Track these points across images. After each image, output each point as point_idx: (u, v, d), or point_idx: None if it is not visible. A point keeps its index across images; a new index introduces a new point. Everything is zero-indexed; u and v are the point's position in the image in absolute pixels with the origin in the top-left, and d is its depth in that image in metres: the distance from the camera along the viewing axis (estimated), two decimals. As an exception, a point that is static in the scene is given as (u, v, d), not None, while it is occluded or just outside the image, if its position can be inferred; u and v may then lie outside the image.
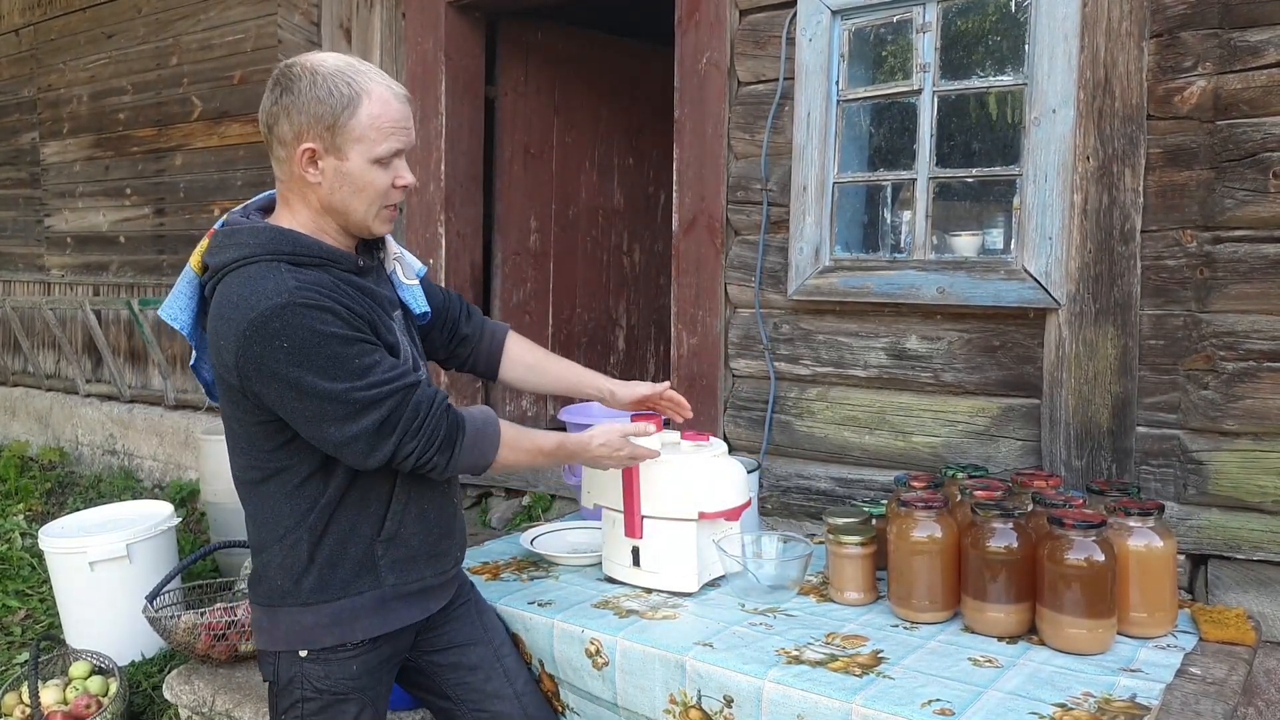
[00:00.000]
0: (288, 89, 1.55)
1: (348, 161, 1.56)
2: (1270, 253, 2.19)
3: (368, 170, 1.57)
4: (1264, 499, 2.22)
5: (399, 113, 1.58)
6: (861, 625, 1.89)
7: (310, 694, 1.66)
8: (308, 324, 1.48)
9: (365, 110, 1.54)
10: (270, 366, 1.49)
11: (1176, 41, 2.26)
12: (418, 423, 1.57)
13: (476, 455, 1.65)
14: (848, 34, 2.70)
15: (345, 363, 1.51)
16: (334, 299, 1.53)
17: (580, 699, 1.94)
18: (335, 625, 1.64)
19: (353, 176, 1.57)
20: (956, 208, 2.76)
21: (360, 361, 1.52)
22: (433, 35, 3.73)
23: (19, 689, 2.83)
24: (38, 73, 5.64)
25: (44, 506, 4.88)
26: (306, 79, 1.54)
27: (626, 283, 4.82)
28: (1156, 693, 1.58)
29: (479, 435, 1.65)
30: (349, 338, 1.52)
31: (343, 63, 1.57)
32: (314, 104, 1.53)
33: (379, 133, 1.56)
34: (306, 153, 1.55)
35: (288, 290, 1.49)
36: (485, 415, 1.68)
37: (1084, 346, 2.38)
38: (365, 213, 1.61)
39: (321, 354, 1.49)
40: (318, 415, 1.52)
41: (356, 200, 1.59)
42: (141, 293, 5.07)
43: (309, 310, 1.49)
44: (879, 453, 2.74)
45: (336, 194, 1.58)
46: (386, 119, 1.56)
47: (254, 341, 1.48)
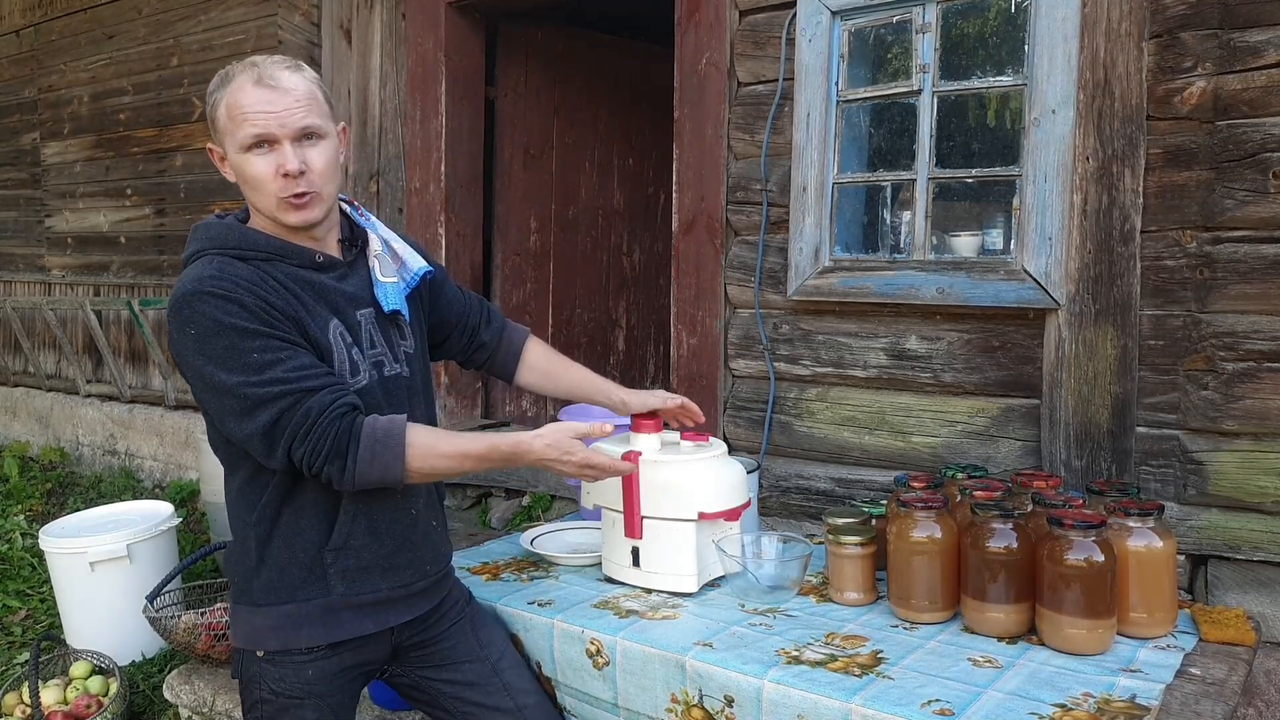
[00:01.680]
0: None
1: (231, 156, 1.59)
2: (1270, 253, 2.19)
3: (244, 160, 1.57)
4: (1264, 499, 2.22)
5: (254, 97, 1.54)
6: (861, 625, 1.89)
7: (267, 695, 1.67)
8: (212, 314, 1.50)
9: (225, 102, 1.56)
10: (182, 354, 1.55)
11: (1176, 42, 2.26)
12: (305, 428, 1.51)
13: (379, 468, 1.54)
14: (847, 34, 2.70)
15: (242, 355, 1.50)
16: (251, 292, 1.53)
17: (578, 701, 1.94)
18: (281, 630, 1.65)
19: (240, 170, 1.59)
20: (956, 208, 2.76)
21: (259, 357, 1.50)
22: (433, 36, 3.73)
23: (19, 689, 2.83)
24: (38, 73, 5.64)
25: (44, 507, 4.88)
26: (214, 82, 1.60)
27: (626, 283, 4.82)
28: (1156, 693, 1.58)
29: (377, 446, 1.53)
30: (251, 331, 1.51)
31: (239, 63, 1.59)
32: (209, 107, 1.59)
33: (234, 122, 1.55)
34: (212, 153, 1.63)
35: (201, 279, 1.52)
36: (388, 425, 1.56)
37: (1084, 347, 2.38)
38: (266, 204, 1.60)
39: (219, 344, 1.50)
40: (219, 409, 1.55)
41: (254, 194, 1.60)
42: (142, 293, 5.08)
43: (215, 299, 1.50)
44: (878, 453, 2.74)
45: (245, 190, 1.61)
46: (239, 107, 1.54)
47: (172, 328, 1.55)
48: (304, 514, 1.63)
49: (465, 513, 3.75)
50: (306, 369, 1.53)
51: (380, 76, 3.98)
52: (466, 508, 3.76)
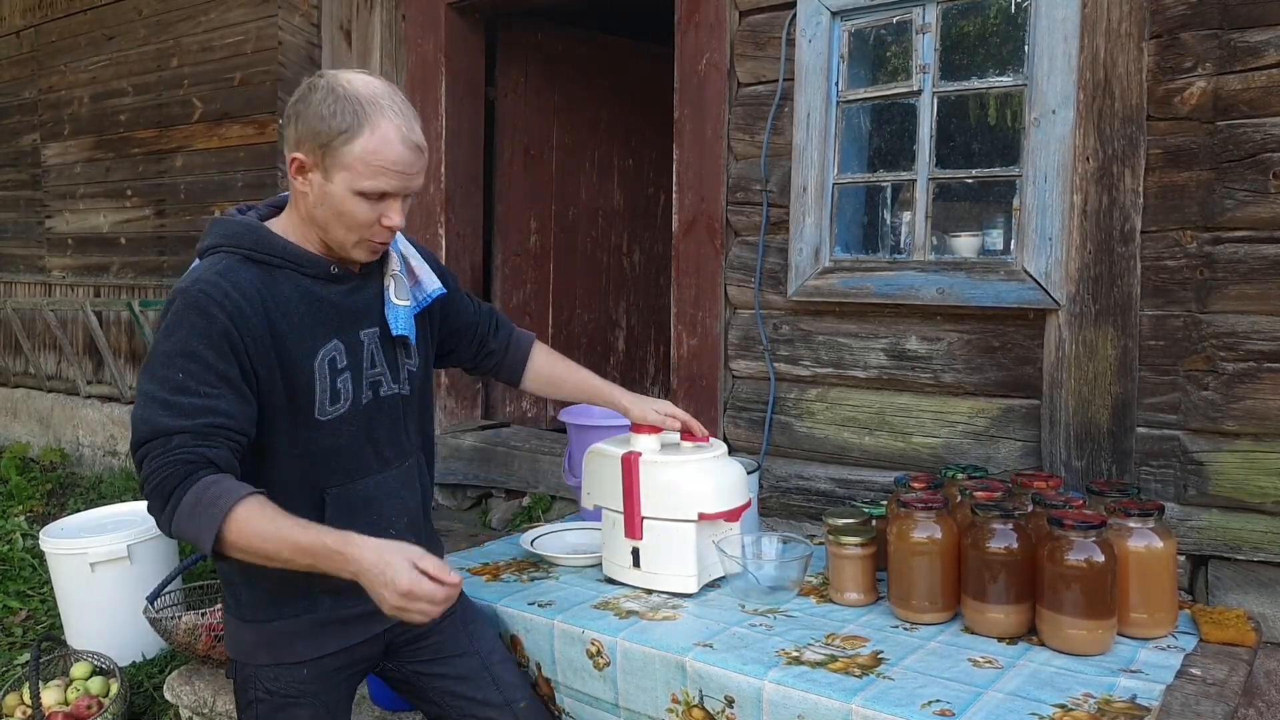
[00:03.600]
0: (304, 97, 1.55)
1: (331, 184, 1.54)
2: (1270, 253, 2.19)
3: (349, 199, 1.54)
4: (1264, 500, 2.22)
5: (398, 155, 1.53)
6: (861, 626, 1.89)
7: (263, 695, 1.68)
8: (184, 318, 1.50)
9: (361, 143, 1.51)
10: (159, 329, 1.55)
11: (1176, 42, 2.26)
12: (155, 454, 1.45)
13: (193, 528, 1.43)
14: (847, 35, 2.70)
15: (173, 368, 1.47)
16: (233, 312, 1.50)
17: (578, 702, 1.94)
18: (271, 646, 1.67)
19: (333, 200, 1.54)
20: (956, 208, 2.76)
21: (183, 379, 1.47)
22: (433, 36, 3.73)
23: (20, 690, 2.83)
24: (38, 74, 5.64)
25: (45, 507, 4.88)
26: (322, 93, 1.53)
27: (626, 284, 4.82)
28: (1157, 693, 1.58)
29: (199, 506, 1.42)
30: (196, 354, 1.48)
31: (366, 89, 1.54)
32: (317, 120, 1.52)
33: (368, 168, 1.52)
34: (295, 162, 1.56)
35: (199, 280, 1.52)
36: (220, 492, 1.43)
37: (1084, 347, 2.38)
38: (343, 238, 1.58)
39: (168, 345, 1.50)
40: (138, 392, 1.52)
41: (335, 224, 1.57)
42: (142, 294, 5.08)
43: (195, 310, 1.49)
44: (879, 453, 2.74)
45: (318, 210, 1.57)
46: (380, 158, 1.52)
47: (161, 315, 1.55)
48: None
49: (465, 513, 3.75)
50: (209, 411, 1.47)
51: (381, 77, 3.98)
52: (466, 508, 3.76)
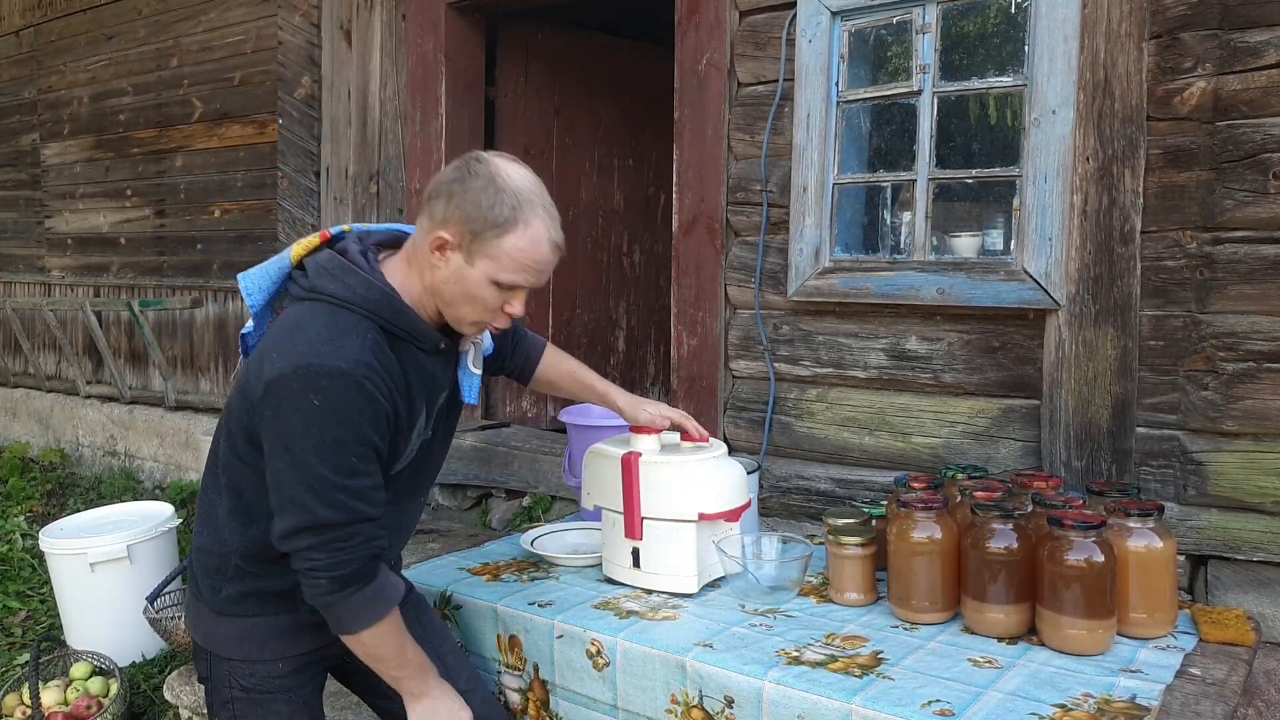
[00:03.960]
0: (461, 179, 1.55)
1: (471, 269, 1.55)
2: (1270, 254, 2.19)
3: (485, 286, 1.56)
4: (1264, 500, 2.22)
5: (543, 256, 1.57)
6: (861, 626, 1.89)
7: (238, 692, 1.69)
8: (349, 401, 1.48)
9: (513, 239, 1.53)
10: (289, 408, 1.48)
11: (1176, 43, 2.26)
12: (340, 544, 1.51)
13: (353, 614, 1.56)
14: (847, 35, 2.70)
15: (345, 454, 1.50)
16: (389, 394, 1.54)
17: (574, 705, 1.93)
18: (245, 641, 1.67)
19: (468, 283, 1.56)
20: (956, 209, 2.76)
21: (356, 462, 1.51)
22: (433, 36, 3.74)
23: (20, 690, 2.83)
24: (38, 74, 5.64)
25: (45, 508, 4.88)
26: (483, 181, 1.54)
27: (626, 284, 4.82)
28: (1156, 693, 1.58)
29: (372, 601, 1.56)
30: (365, 438, 1.52)
31: (524, 185, 1.56)
32: (474, 207, 1.53)
33: (514, 264, 1.55)
34: (439, 240, 1.55)
35: (357, 363, 1.50)
36: (392, 593, 1.59)
37: (1084, 347, 2.38)
38: (462, 317, 1.61)
39: (333, 433, 1.48)
40: (283, 474, 1.50)
41: (462, 303, 1.59)
42: (142, 294, 5.08)
43: (360, 393, 1.49)
44: (879, 453, 2.74)
45: (447, 287, 1.58)
46: (528, 257, 1.55)
47: (294, 380, 1.47)
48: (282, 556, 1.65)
49: (466, 513, 3.75)
50: (377, 491, 1.56)
51: (380, 77, 3.98)
52: (467, 508, 3.76)
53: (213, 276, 4.77)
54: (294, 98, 4.26)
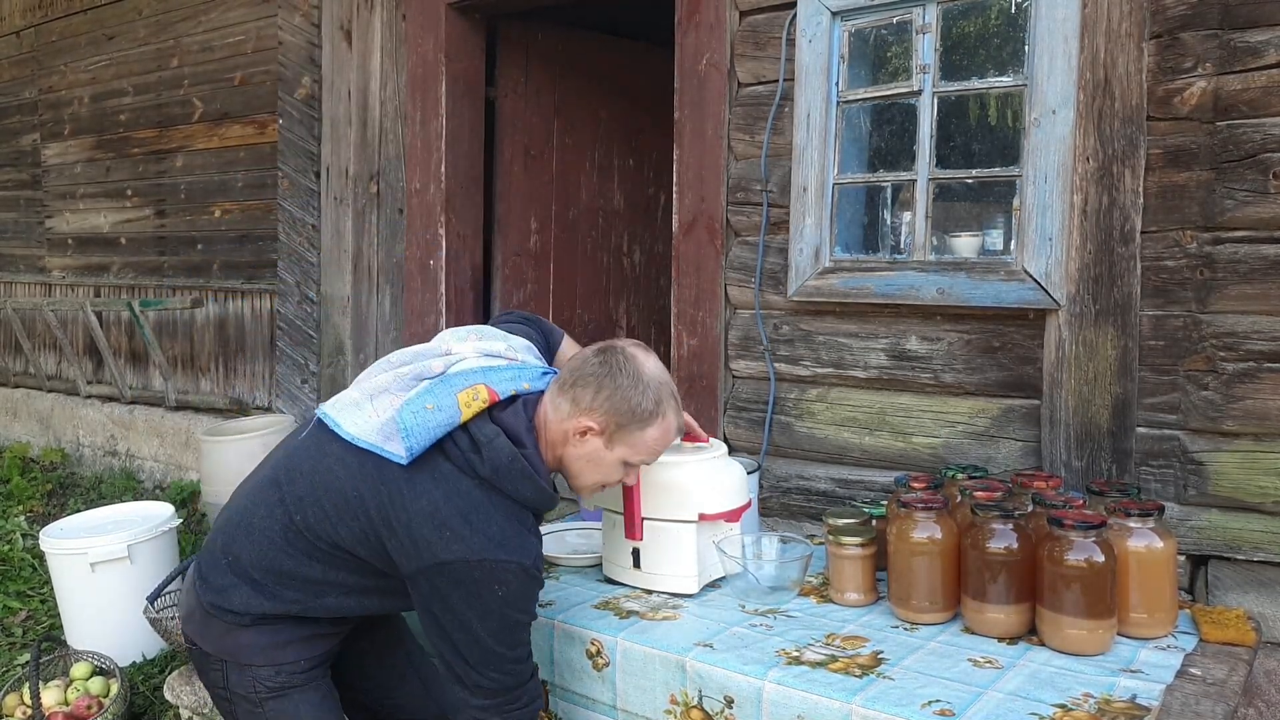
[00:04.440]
0: (611, 372, 1.69)
1: (609, 453, 1.71)
2: (1270, 253, 2.19)
3: (616, 465, 1.74)
4: (1264, 500, 2.22)
5: (670, 443, 1.78)
6: (861, 626, 1.89)
7: (266, 694, 1.71)
8: (524, 593, 1.62)
9: (653, 431, 1.71)
10: (468, 592, 1.58)
11: (1176, 42, 2.26)
12: (512, 706, 1.65)
13: None
14: (847, 35, 2.70)
15: (517, 635, 1.64)
16: (543, 572, 1.69)
17: (573, 705, 1.94)
18: (267, 650, 1.71)
19: (602, 463, 1.73)
20: (956, 209, 2.76)
21: (525, 640, 1.67)
22: (433, 37, 3.73)
23: (20, 690, 2.83)
24: (39, 74, 5.64)
25: (45, 507, 4.88)
26: (630, 378, 1.69)
27: (626, 284, 4.82)
28: (1156, 693, 1.58)
29: None
30: (531, 618, 1.67)
31: (662, 379, 1.72)
32: (622, 402, 1.68)
33: (648, 450, 1.74)
34: (585, 427, 1.69)
35: (536, 560, 1.64)
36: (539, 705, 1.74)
37: (1084, 347, 2.38)
38: (585, 484, 1.77)
39: (511, 619, 1.62)
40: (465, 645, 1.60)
41: (589, 474, 1.75)
42: (143, 294, 5.08)
43: (532, 584, 1.63)
44: (879, 454, 2.74)
45: (578, 462, 1.73)
46: (661, 444, 1.75)
47: (481, 570, 1.57)
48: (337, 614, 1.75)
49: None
50: (529, 653, 1.70)
51: (380, 77, 3.98)
52: (467, 508, 3.76)
53: (213, 276, 4.77)
54: (294, 98, 4.26)
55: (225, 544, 1.72)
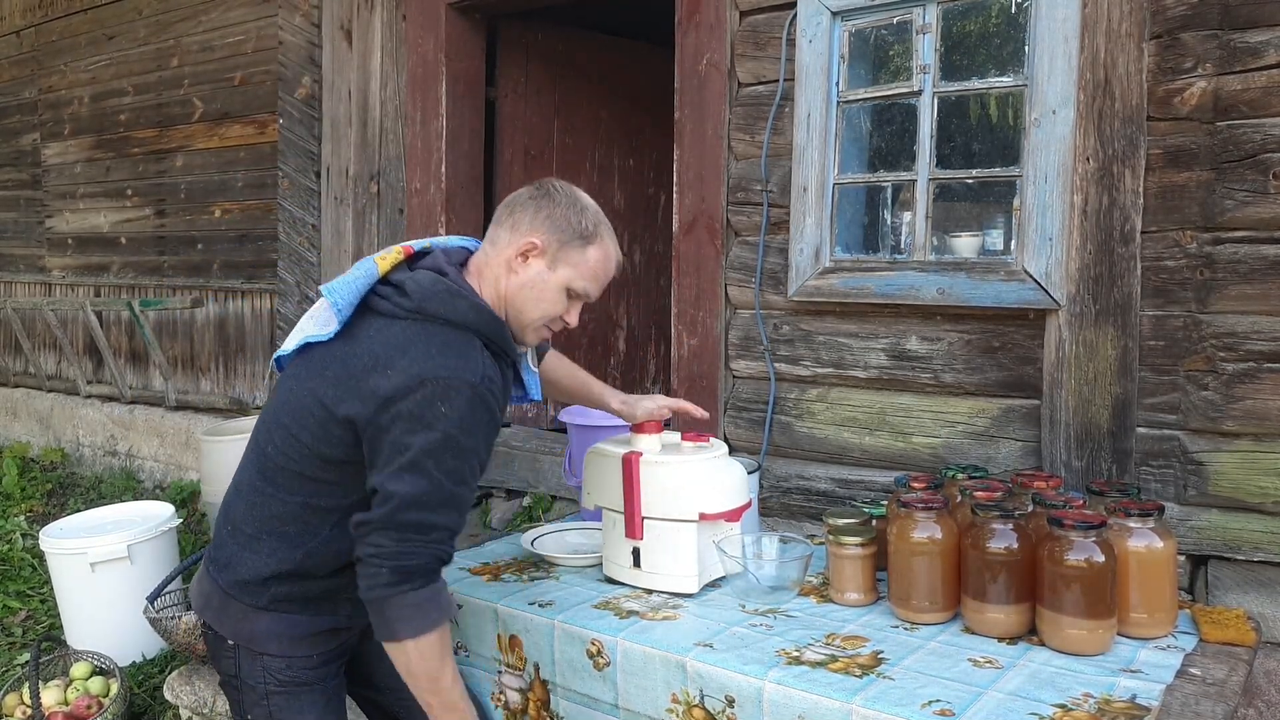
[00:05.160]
0: (548, 195, 1.71)
1: (553, 274, 1.70)
2: (1270, 254, 2.19)
3: (559, 291, 1.71)
4: (1264, 500, 2.22)
5: (611, 270, 1.77)
6: (861, 626, 1.89)
7: (275, 688, 1.70)
8: (472, 413, 1.56)
9: (594, 251, 1.72)
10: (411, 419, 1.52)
11: (1176, 43, 2.26)
12: (410, 537, 1.53)
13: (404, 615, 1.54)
14: (848, 35, 2.70)
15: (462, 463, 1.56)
16: (500, 405, 1.64)
17: (576, 704, 1.94)
18: (282, 638, 1.69)
19: (545, 287, 1.70)
20: (956, 209, 2.76)
21: (466, 474, 1.58)
22: (433, 37, 3.74)
23: (20, 690, 2.84)
24: (39, 74, 5.64)
25: (45, 507, 4.88)
26: (567, 200, 1.71)
27: (626, 284, 4.82)
28: (1156, 693, 1.58)
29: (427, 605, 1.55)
30: (480, 449, 1.61)
31: (597, 209, 1.76)
32: (562, 220, 1.69)
33: (589, 273, 1.72)
34: (529, 245, 1.68)
35: (481, 375, 1.58)
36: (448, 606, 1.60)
37: (1084, 347, 2.38)
38: (529, 320, 1.72)
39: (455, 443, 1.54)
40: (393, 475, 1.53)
41: (532, 306, 1.71)
42: (143, 294, 5.08)
43: (480, 406, 1.57)
44: (879, 454, 2.74)
45: (523, 291, 1.70)
46: (601, 269, 1.74)
47: (423, 390, 1.52)
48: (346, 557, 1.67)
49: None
50: (465, 508, 1.62)
51: (381, 77, 3.98)
52: (467, 508, 3.76)
53: (213, 276, 4.77)
54: (294, 98, 4.26)
55: (224, 513, 1.73)
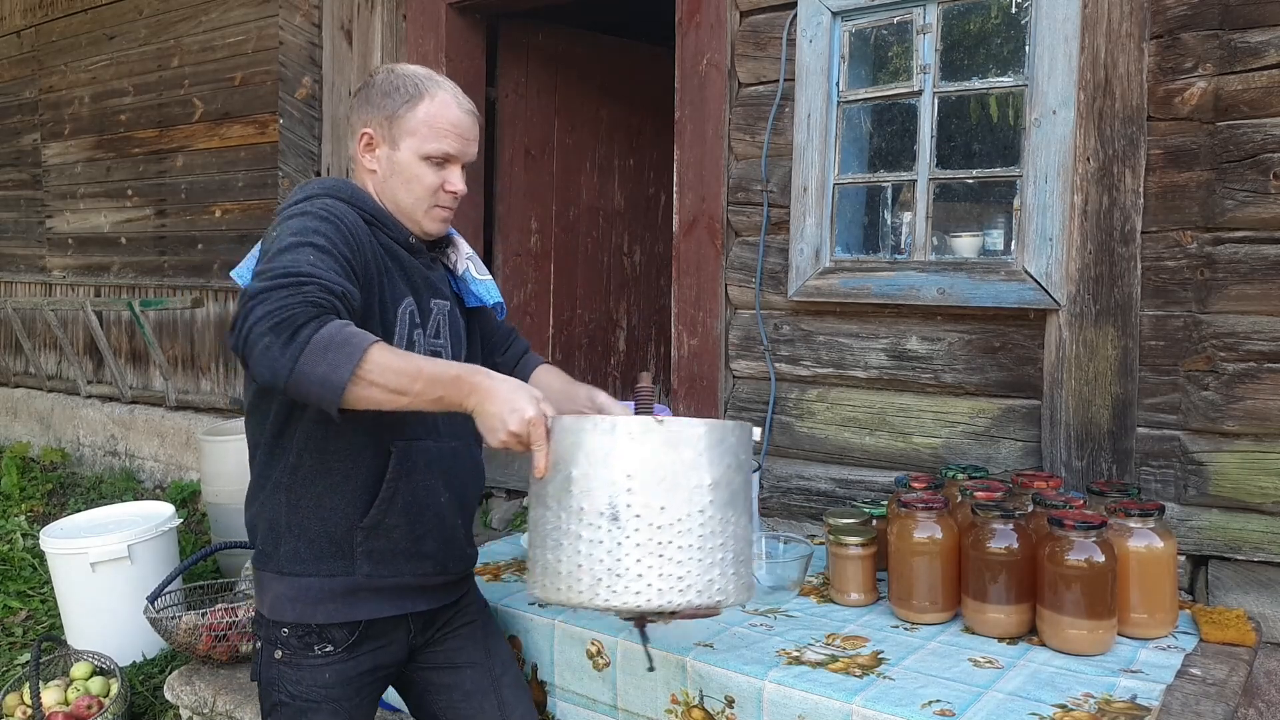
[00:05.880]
0: (366, 84, 1.69)
1: (398, 152, 1.66)
2: (1270, 254, 2.19)
3: (416, 164, 1.66)
4: (1264, 500, 2.22)
5: (456, 118, 1.68)
6: (862, 626, 1.90)
7: (285, 699, 1.65)
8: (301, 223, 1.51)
9: (424, 108, 1.65)
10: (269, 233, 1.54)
11: (1177, 43, 2.26)
12: (279, 295, 1.36)
13: (324, 364, 1.34)
14: (848, 35, 2.70)
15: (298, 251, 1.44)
16: (351, 232, 1.55)
17: (573, 705, 1.93)
18: (298, 601, 1.62)
19: (402, 168, 1.66)
20: (957, 209, 2.76)
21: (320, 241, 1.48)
22: (433, 37, 3.74)
23: (20, 690, 2.84)
24: (39, 74, 5.64)
25: (45, 507, 4.88)
26: (383, 75, 1.68)
27: (627, 284, 4.82)
28: (1157, 694, 1.58)
29: (331, 346, 1.35)
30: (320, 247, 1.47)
31: (421, 71, 1.69)
32: (380, 96, 1.66)
33: (431, 130, 1.65)
34: (364, 137, 1.67)
35: (320, 200, 1.57)
36: (355, 333, 1.38)
37: (1084, 347, 2.38)
38: (414, 205, 1.68)
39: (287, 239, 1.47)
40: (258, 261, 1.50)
41: (404, 192, 1.68)
42: (143, 293, 5.08)
43: (314, 217, 1.52)
44: (879, 454, 2.74)
45: (388, 183, 1.68)
46: (441, 120, 1.66)
47: (272, 230, 1.53)
48: (340, 488, 1.62)
49: (466, 513, 3.75)
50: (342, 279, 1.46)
51: (381, 77, 3.98)
52: (467, 508, 3.76)
53: (213, 276, 4.77)
54: (295, 98, 4.26)
55: None
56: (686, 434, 1.38)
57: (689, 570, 1.37)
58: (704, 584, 1.38)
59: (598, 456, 1.37)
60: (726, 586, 1.40)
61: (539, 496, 1.44)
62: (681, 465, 1.37)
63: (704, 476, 1.38)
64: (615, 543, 1.35)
